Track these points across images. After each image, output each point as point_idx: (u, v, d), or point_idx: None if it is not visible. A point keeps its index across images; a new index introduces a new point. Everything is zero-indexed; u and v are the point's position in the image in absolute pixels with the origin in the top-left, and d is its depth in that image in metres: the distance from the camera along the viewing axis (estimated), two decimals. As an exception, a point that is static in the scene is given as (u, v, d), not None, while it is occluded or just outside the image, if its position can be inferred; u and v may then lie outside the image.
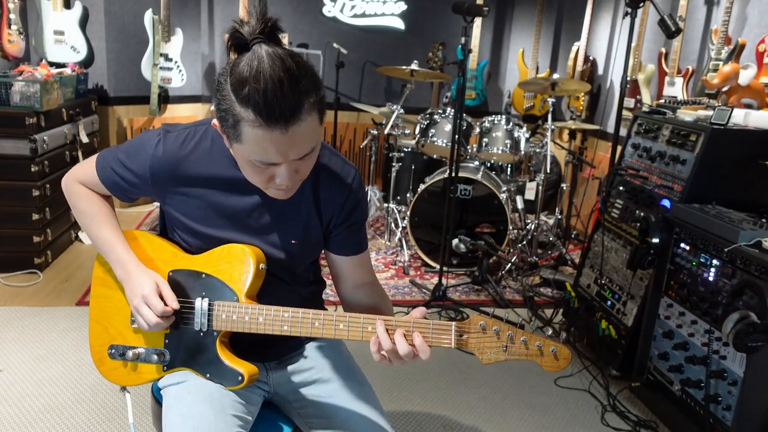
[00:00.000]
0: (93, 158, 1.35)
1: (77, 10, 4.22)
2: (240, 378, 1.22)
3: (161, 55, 4.60)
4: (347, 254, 1.36)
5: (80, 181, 1.37)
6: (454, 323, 1.13)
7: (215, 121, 1.12)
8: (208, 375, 1.26)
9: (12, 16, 3.72)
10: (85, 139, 3.94)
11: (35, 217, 3.34)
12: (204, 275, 1.26)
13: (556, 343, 1.12)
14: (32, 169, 3.30)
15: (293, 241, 1.30)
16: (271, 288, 1.31)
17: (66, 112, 3.73)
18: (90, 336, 1.38)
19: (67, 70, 3.95)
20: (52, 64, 4.02)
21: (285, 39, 4.98)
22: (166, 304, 1.23)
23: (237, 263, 1.24)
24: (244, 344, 1.31)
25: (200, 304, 1.25)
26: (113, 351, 1.33)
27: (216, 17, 5.17)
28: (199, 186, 1.25)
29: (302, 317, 1.19)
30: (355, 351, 1.51)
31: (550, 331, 3.16)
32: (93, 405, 2.27)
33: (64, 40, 4.20)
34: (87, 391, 2.35)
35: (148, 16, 4.51)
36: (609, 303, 2.72)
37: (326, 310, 1.24)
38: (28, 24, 4.20)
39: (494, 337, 1.12)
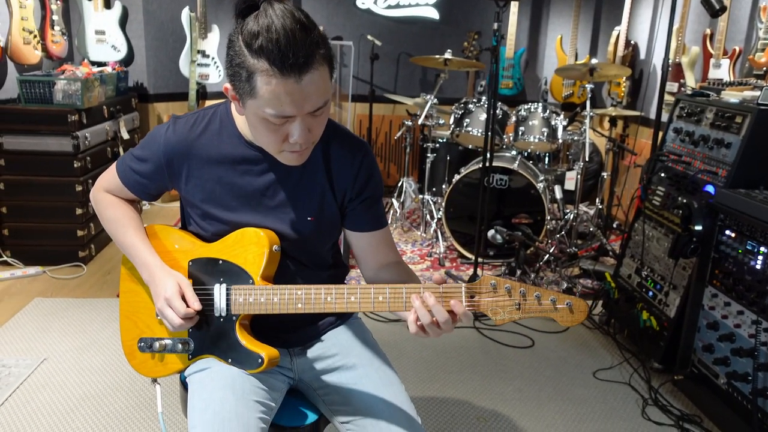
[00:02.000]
0: (113, 165, 1.38)
1: (117, 9, 4.32)
2: (260, 360, 1.22)
3: (198, 51, 4.67)
4: (365, 230, 1.34)
5: (105, 189, 1.41)
6: (464, 284, 1.10)
7: (227, 85, 1.13)
8: (229, 360, 1.26)
9: (55, 17, 3.83)
10: (126, 136, 4.04)
11: (79, 211, 3.44)
12: (221, 261, 1.27)
13: (571, 297, 1.08)
14: (75, 165, 3.40)
15: (309, 218, 1.29)
16: (290, 272, 1.31)
17: (107, 110, 3.83)
18: (121, 331, 1.41)
19: (108, 69, 4.05)
20: (93, 63, 4.13)
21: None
22: (188, 306, 1.24)
23: (251, 246, 1.24)
24: (267, 330, 1.31)
25: (218, 289, 1.25)
26: (142, 344, 1.35)
27: (252, 13, 5.21)
28: (212, 166, 1.26)
29: (315, 293, 1.18)
30: (387, 340, 1.49)
31: (565, 286, 3.08)
32: (131, 393, 2.32)
33: (105, 39, 4.31)
34: (125, 379, 2.40)
35: (185, 13, 4.58)
36: (650, 293, 2.63)
37: None
38: (71, 25, 4.32)
39: (506, 295, 1.09)
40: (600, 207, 4.21)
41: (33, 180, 3.39)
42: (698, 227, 2.27)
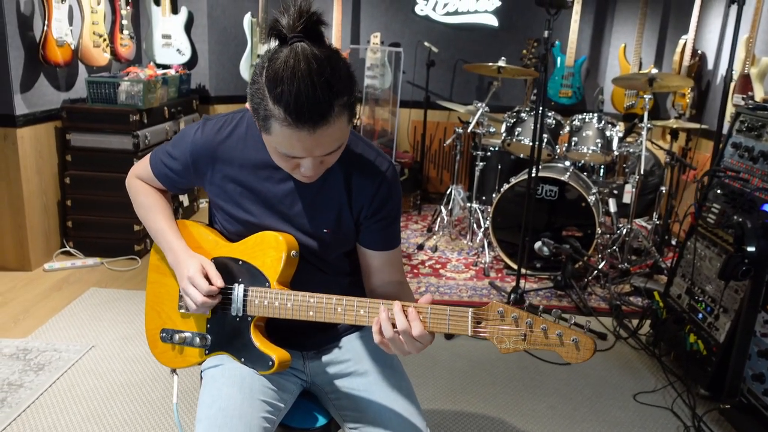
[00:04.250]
0: (148, 156, 1.44)
1: (183, 15, 4.51)
2: (270, 363, 1.24)
3: (258, 56, 4.81)
4: (376, 249, 1.34)
5: (138, 177, 1.47)
6: (471, 309, 1.09)
7: (249, 107, 1.15)
8: (242, 359, 1.29)
9: (124, 22, 4.04)
10: (185, 136, 4.19)
11: (136, 207, 3.59)
12: (241, 262, 1.30)
13: (578, 333, 1.05)
14: (134, 163, 3.55)
15: (325, 230, 1.30)
16: (308, 276, 1.32)
17: (168, 110, 3.99)
18: (146, 320, 1.47)
19: (171, 71, 4.23)
20: (159, 66, 4.31)
21: (377, 39, 5.03)
22: (211, 284, 1.27)
23: (270, 250, 1.27)
24: (283, 333, 1.33)
25: (237, 289, 1.28)
26: (164, 335, 1.40)
27: (312, 19, 5.31)
28: (235, 170, 1.29)
29: (326, 303, 1.19)
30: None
31: (574, 320, 2.96)
32: (168, 384, 2.40)
33: (171, 43, 4.51)
34: (165, 370, 2.49)
35: (247, 19, 4.73)
36: (700, 316, 2.50)
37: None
38: (140, 29, 4.54)
39: (513, 324, 1.07)
40: (657, 222, 4.04)
41: (96, 176, 3.58)
42: (751, 248, 2.14)
